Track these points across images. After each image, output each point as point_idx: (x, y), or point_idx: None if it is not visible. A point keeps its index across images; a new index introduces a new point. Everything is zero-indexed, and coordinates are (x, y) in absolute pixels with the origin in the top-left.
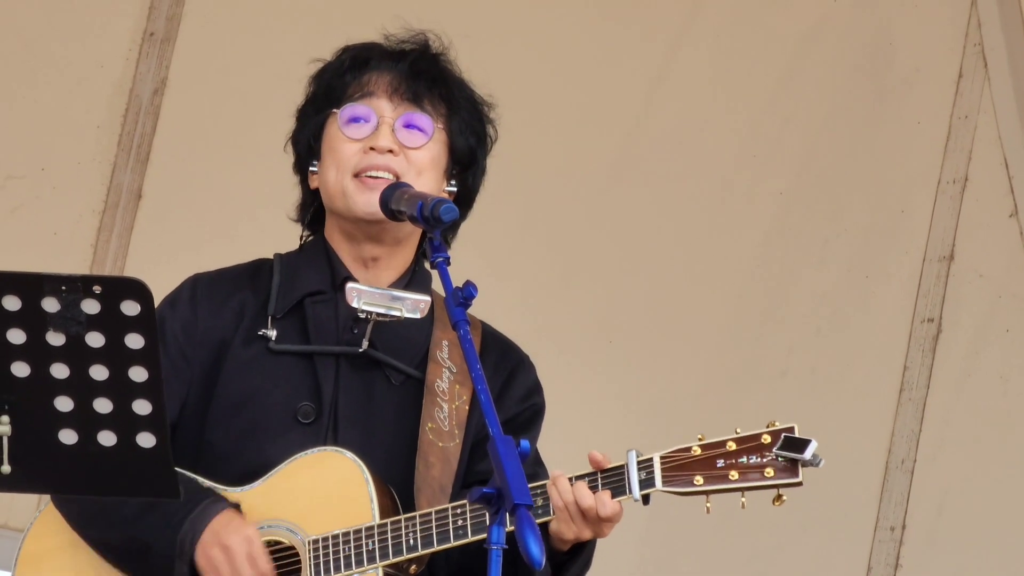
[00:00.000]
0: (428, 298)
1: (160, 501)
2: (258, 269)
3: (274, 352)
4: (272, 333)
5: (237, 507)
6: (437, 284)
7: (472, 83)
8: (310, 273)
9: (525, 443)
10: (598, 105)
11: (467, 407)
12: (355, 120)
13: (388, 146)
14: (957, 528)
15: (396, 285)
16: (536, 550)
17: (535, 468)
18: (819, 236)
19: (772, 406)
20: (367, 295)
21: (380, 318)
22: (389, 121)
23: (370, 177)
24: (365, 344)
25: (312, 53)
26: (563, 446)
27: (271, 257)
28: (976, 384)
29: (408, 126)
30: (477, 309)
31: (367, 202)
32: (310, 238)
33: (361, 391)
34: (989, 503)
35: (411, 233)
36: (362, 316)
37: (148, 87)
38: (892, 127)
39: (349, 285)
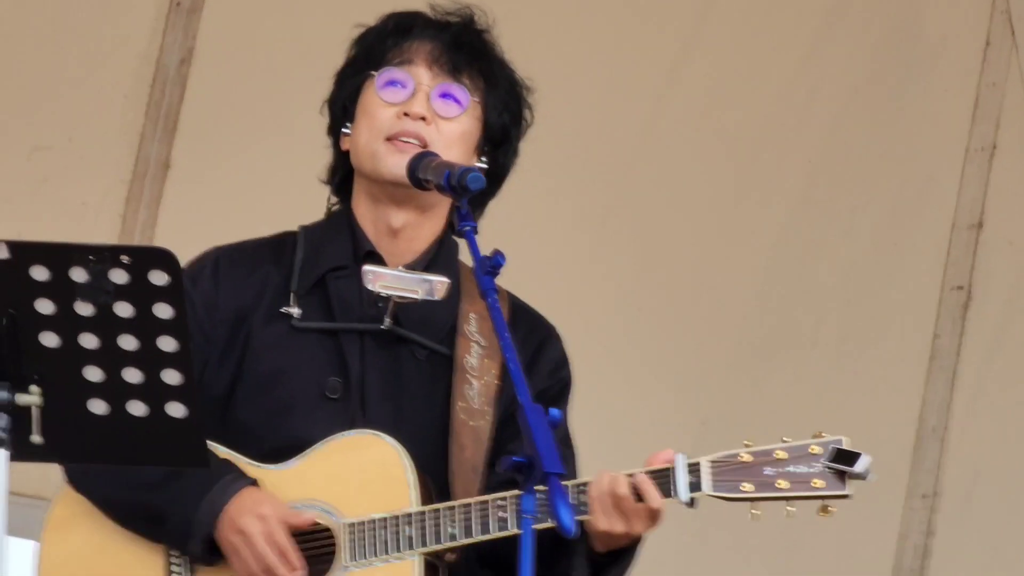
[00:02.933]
0: (446, 280)
1: (183, 473)
2: (282, 243)
3: (298, 330)
4: (295, 311)
5: (255, 483)
6: (465, 255)
7: (513, 64)
8: (333, 247)
9: (555, 411)
10: (624, 77)
11: (496, 382)
12: (392, 84)
13: (421, 113)
14: (990, 495)
15: (422, 258)
16: (567, 519)
17: (563, 450)
18: (847, 205)
19: (802, 376)
20: (383, 278)
21: (399, 300)
22: (426, 89)
23: (402, 141)
24: (388, 321)
25: (339, 21)
26: (592, 416)
27: (296, 230)
28: (1007, 351)
29: (444, 96)
30: (505, 278)
31: (396, 164)
32: (336, 206)
33: (388, 367)
34: (1021, 469)
35: (438, 203)
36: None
37: (175, 57)
38: (919, 96)
39: (365, 268)
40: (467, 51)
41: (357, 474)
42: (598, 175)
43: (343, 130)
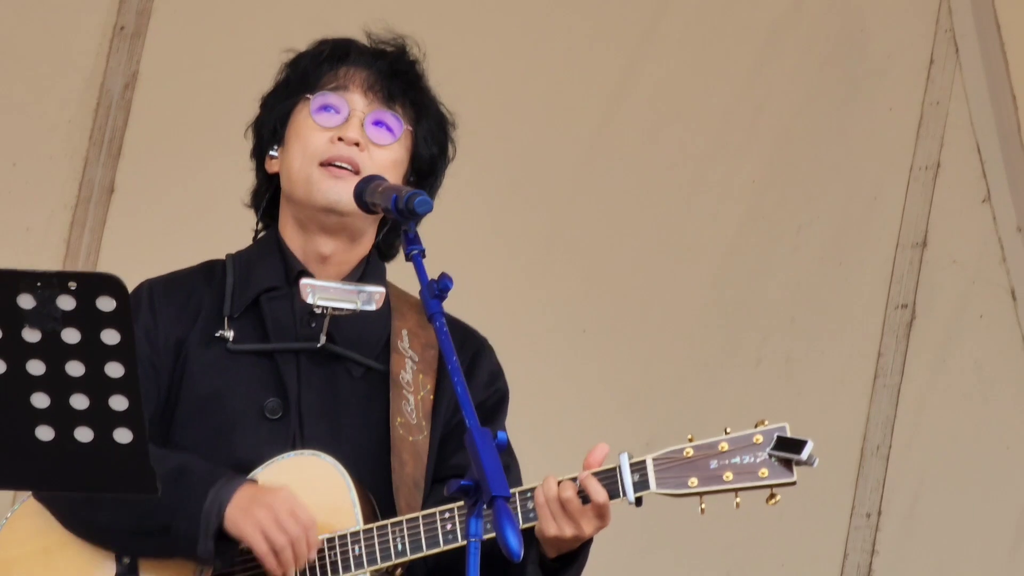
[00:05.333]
0: (383, 289)
1: (179, 481)
2: (211, 269)
3: (233, 352)
4: (229, 334)
5: (255, 481)
6: (392, 277)
7: (440, 97)
8: (264, 269)
9: (502, 435)
10: (569, 96)
11: (431, 397)
12: (326, 109)
13: (355, 138)
14: (933, 514)
15: (350, 278)
16: (514, 542)
17: (507, 458)
18: (792, 224)
19: (747, 394)
20: (321, 290)
21: (336, 312)
22: (360, 115)
23: (335, 167)
24: (323, 339)
25: (283, 46)
26: (537, 436)
27: (222, 258)
28: (951, 370)
29: (378, 124)
30: (451, 299)
31: (330, 189)
32: (262, 232)
33: (324, 385)
34: (964, 488)
35: (366, 230)
36: (318, 311)
37: (119, 81)
38: (864, 114)
39: (303, 281)
40: (401, 80)
41: (300, 496)
42: (541, 191)
43: (270, 153)
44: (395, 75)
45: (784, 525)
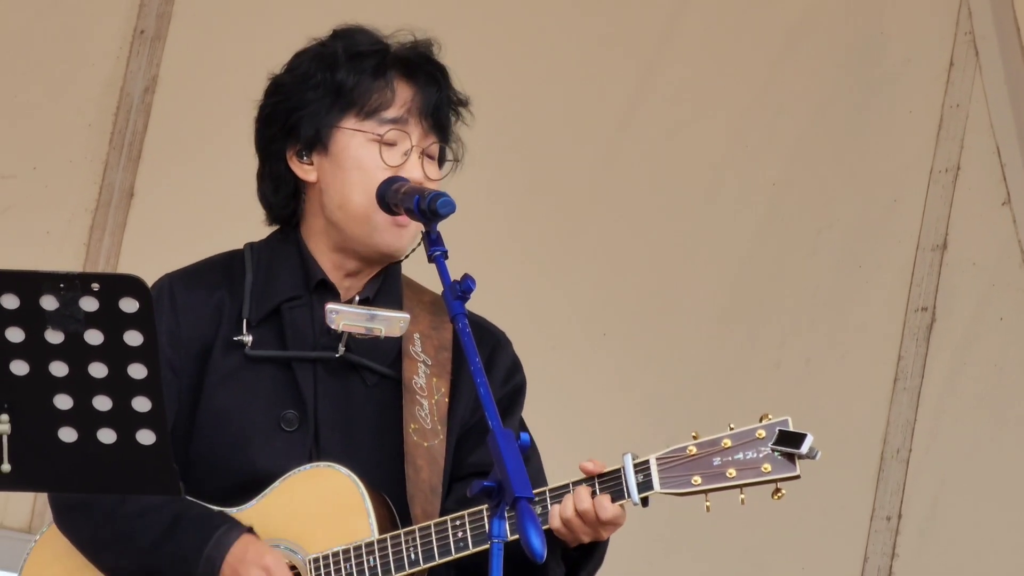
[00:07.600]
0: (407, 316)
1: (175, 532)
2: (230, 264)
3: (251, 359)
4: (248, 339)
5: (251, 530)
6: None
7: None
8: (284, 276)
9: (525, 436)
10: (588, 98)
11: (446, 400)
12: (392, 144)
13: (421, 179)
14: (953, 517)
15: (371, 284)
16: (537, 543)
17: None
18: (812, 227)
19: (766, 397)
20: (346, 316)
21: (360, 335)
22: (418, 148)
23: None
24: (342, 349)
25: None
26: (557, 439)
27: (241, 248)
28: (971, 373)
29: (435, 158)
30: (469, 303)
31: (395, 240)
32: (278, 231)
33: (339, 395)
34: (984, 491)
35: None
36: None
37: (139, 85)
38: (884, 117)
39: (329, 306)
40: (455, 112)
41: (316, 508)
42: (560, 193)
43: (303, 159)
44: (449, 106)
45: (804, 528)
